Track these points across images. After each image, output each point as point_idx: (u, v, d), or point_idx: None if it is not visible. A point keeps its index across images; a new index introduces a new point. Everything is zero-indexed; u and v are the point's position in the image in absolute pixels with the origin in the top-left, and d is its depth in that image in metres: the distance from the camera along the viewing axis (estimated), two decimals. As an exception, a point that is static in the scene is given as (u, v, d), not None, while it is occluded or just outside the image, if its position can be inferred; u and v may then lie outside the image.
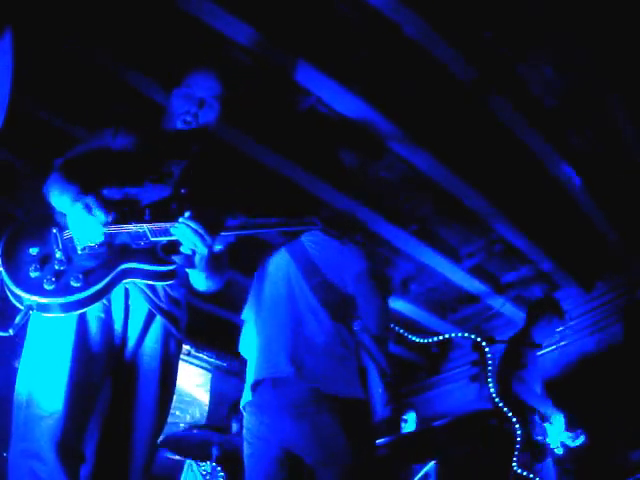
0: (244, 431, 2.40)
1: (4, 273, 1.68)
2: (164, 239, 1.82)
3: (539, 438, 3.90)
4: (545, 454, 3.90)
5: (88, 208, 1.74)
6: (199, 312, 5.67)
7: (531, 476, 3.77)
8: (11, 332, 1.66)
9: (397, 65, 3.35)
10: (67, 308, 1.68)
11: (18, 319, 1.65)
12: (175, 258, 1.86)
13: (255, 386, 2.37)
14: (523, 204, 4.39)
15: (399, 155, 3.85)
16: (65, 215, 1.81)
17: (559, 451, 3.97)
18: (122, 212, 1.84)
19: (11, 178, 3.93)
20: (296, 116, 3.62)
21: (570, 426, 4.04)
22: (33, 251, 1.73)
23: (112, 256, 1.77)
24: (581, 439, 4.01)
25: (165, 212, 1.90)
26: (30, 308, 1.66)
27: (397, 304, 5.47)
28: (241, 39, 3.04)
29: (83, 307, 1.71)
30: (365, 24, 3.12)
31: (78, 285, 1.68)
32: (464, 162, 3.98)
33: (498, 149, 3.89)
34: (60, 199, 1.85)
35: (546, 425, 3.97)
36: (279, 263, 2.62)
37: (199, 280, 2.00)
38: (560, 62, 3.34)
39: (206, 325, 5.99)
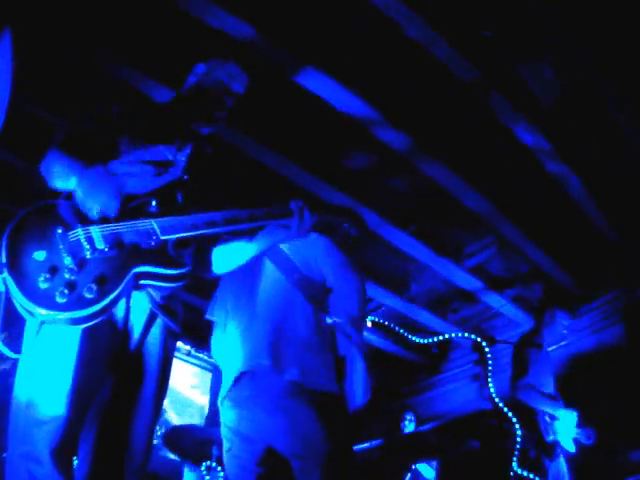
0: (222, 427, 2.35)
1: (12, 283, 1.57)
2: (175, 236, 1.74)
3: (550, 438, 3.89)
4: (556, 452, 3.90)
5: (102, 178, 1.68)
6: (199, 312, 5.67)
7: (531, 476, 3.77)
8: None
9: (397, 65, 3.36)
10: (80, 321, 1.60)
11: (30, 338, 1.57)
12: (186, 255, 1.81)
13: (235, 380, 2.32)
14: (523, 204, 4.39)
15: (399, 155, 3.85)
16: (69, 208, 1.71)
17: (571, 449, 3.97)
18: (127, 204, 1.73)
19: (11, 178, 3.93)
20: (296, 116, 3.62)
21: (582, 424, 4.04)
22: (39, 256, 1.62)
23: (123, 259, 1.67)
24: (592, 436, 4.00)
25: (171, 202, 1.82)
26: (43, 323, 1.58)
27: (397, 304, 5.47)
28: (241, 38, 3.05)
29: (96, 319, 1.62)
30: (365, 24, 3.12)
31: (91, 296, 1.59)
32: (464, 162, 3.98)
33: (498, 149, 3.89)
34: (65, 179, 1.74)
35: (556, 423, 3.96)
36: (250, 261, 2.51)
37: (244, 254, 2.02)
38: (560, 62, 3.34)
39: (206, 325, 5.98)
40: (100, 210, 1.69)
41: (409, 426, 5.53)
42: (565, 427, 3.97)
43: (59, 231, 1.68)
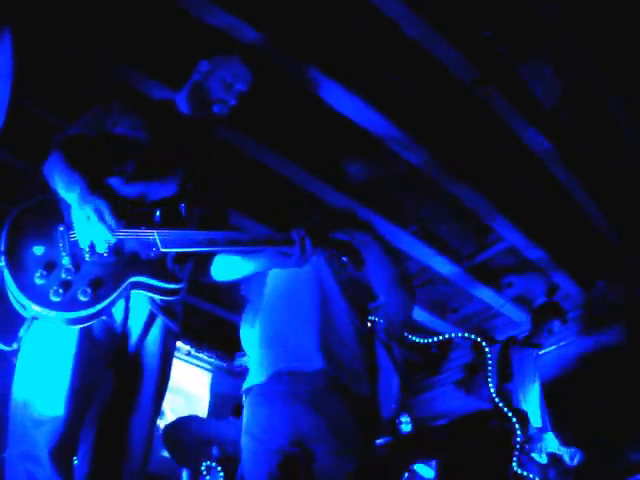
0: (247, 422, 2.29)
1: (8, 275, 1.57)
2: (175, 250, 1.74)
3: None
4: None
5: (99, 213, 1.62)
6: (199, 312, 5.68)
7: (531, 476, 3.78)
8: (15, 346, 1.60)
9: (397, 65, 3.36)
10: (72, 322, 1.60)
11: (22, 332, 1.58)
12: (183, 270, 1.81)
13: (272, 375, 2.28)
14: (523, 204, 4.39)
15: (399, 155, 3.84)
16: (70, 207, 1.69)
17: (543, 460, 3.90)
18: (131, 212, 1.72)
19: (11, 178, 3.93)
20: (296, 116, 3.62)
21: (567, 443, 3.99)
22: (38, 251, 1.61)
23: (121, 266, 1.67)
24: (577, 458, 3.94)
25: (174, 214, 1.81)
26: (35, 319, 1.59)
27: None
28: (241, 38, 3.05)
29: (88, 322, 1.63)
30: (365, 24, 3.12)
31: (85, 300, 1.59)
32: (464, 162, 3.98)
33: (498, 149, 3.89)
34: (65, 191, 1.72)
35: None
36: None
37: (242, 270, 1.97)
38: (560, 62, 3.34)
39: (206, 325, 6.00)
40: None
41: (405, 427, 5.53)
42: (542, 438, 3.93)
43: (61, 228, 1.68)
